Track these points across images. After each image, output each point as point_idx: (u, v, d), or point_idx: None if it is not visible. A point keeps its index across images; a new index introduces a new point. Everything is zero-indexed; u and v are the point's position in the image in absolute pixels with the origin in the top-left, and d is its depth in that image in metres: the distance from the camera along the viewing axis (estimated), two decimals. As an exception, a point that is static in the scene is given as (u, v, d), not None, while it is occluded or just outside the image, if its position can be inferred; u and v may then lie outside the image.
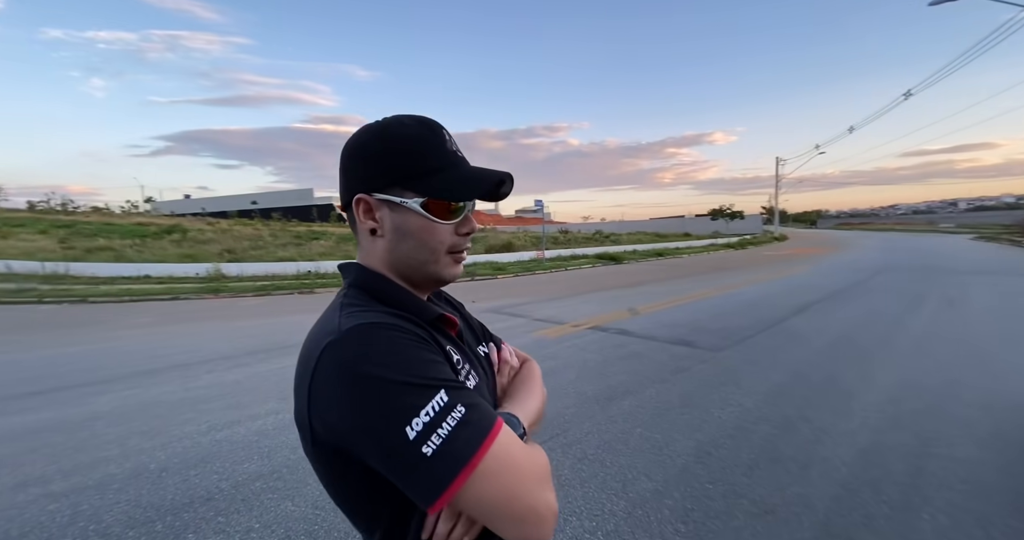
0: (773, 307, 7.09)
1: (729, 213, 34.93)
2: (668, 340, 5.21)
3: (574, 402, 3.44)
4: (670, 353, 4.68)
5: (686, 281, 11.21)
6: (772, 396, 3.45)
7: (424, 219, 0.60)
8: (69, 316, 7.77)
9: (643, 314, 6.85)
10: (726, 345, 4.93)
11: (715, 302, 7.76)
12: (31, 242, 16.84)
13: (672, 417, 3.12)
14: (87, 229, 21.28)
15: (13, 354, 5.21)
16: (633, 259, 18.82)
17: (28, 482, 2.40)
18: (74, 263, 12.56)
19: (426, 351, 0.54)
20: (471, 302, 8.37)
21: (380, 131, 0.61)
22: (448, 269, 0.64)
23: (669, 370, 4.13)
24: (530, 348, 5.00)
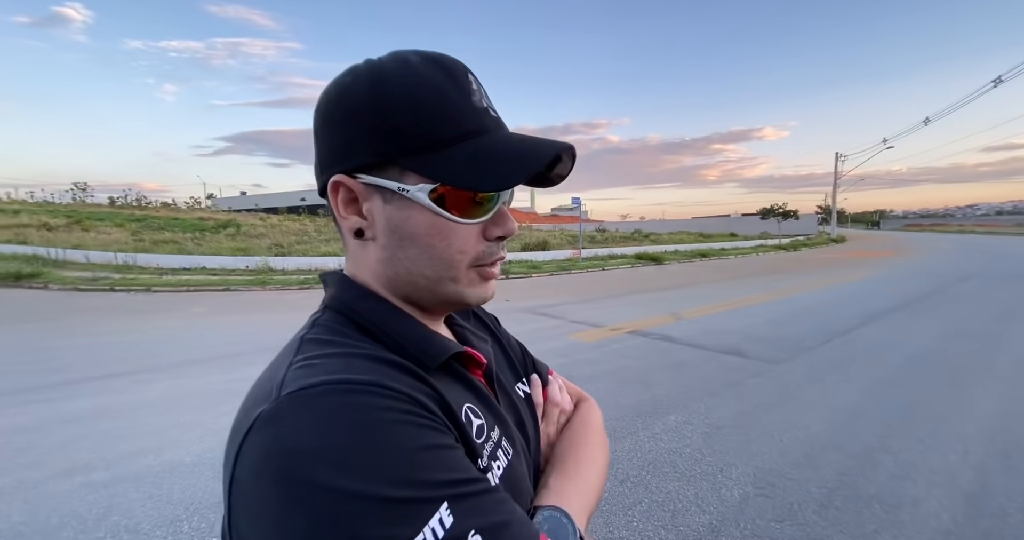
0: (837, 315, 6.44)
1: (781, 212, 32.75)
2: (717, 349, 4.81)
3: (613, 415, 3.19)
4: (720, 363, 4.30)
5: (734, 284, 10.52)
6: (844, 420, 3.04)
7: (435, 216, 0.40)
8: (135, 304, 8.34)
9: (687, 319, 6.42)
10: (784, 357, 4.48)
11: (768, 308, 7.17)
12: (108, 235, 18.49)
13: (725, 438, 2.80)
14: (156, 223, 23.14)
15: (83, 338, 5.60)
16: (674, 260, 18.02)
17: (74, 469, 2.47)
18: (142, 255, 13.59)
19: (419, 428, 0.34)
20: (504, 301, 8.24)
21: (370, 74, 0.40)
22: (472, 289, 0.43)
23: (720, 383, 3.78)
24: (565, 352, 4.77)
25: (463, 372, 0.46)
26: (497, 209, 0.42)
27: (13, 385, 3.81)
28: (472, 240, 0.42)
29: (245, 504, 0.31)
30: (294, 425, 0.31)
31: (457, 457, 0.35)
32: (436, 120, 0.38)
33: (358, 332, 0.41)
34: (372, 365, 0.37)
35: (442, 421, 0.37)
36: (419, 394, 0.36)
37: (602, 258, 17.42)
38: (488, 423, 0.44)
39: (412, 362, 0.40)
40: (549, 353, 4.71)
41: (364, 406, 0.32)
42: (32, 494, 2.23)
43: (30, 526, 1.99)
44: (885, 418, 3.06)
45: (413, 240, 0.41)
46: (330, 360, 0.36)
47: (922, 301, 7.56)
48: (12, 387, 3.76)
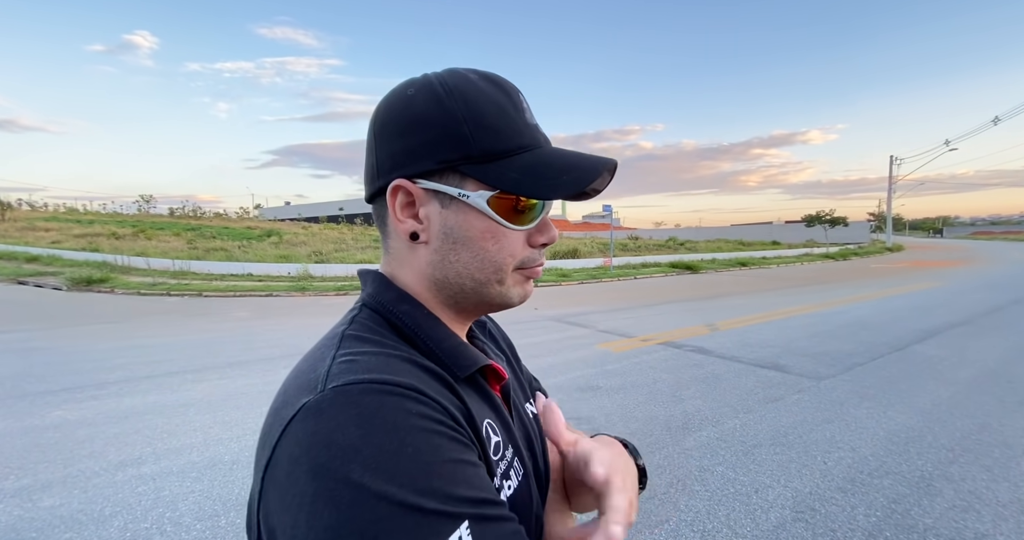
0: (890, 329, 6.00)
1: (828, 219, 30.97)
2: (755, 362, 4.58)
3: (641, 428, 3.09)
4: (758, 378, 4.09)
5: (775, 294, 10.02)
6: (898, 443, 2.81)
7: (490, 222, 0.42)
8: (187, 308, 8.93)
9: (723, 330, 6.16)
10: (830, 373, 4.20)
11: (812, 320, 6.77)
12: (167, 243, 19.97)
13: (762, 457, 2.65)
14: (209, 231, 24.77)
15: (141, 339, 6.05)
16: (711, 268, 17.39)
17: (127, 462, 2.66)
18: (195, 261, 14.57)
19: (449, 440, 0.34)
20: (533, 309, 8.22)
21: (435, 88, 0.42)
22: (517, 290, 0.46)
23: (757, 398, 3.59)
24: (593, 362, 4.69)
25: (485, 386, 0.46)
26: (542, 218, 0.45)
27: (79, 381, 4.16)
28: (520, 245, 0.44)
29: (279, 488, 0.32)
30: (336, 420, 0.32)
31: (481, 476, 0.36)
32: (496, 132, 0.41)
33: (394, 333, 0.43)
34: (409, 368, 0.38)
35: (469, 435, 0.37)
36: (450, 405, 0.37)
37: (634, 266, 17.07)
38: (504, 441, 0.44)
39: (443, 369, 0.41)
40: (576, 363, 4.64)
41: (403, 410, 0.33)
42: (90, 484, 2.42)
43: (87, 514, 2.15)
44: (945, 443, 2.80)
45: (467, 243, 0.43)
46: (372, 358, 0.37)
47: (989, 316, 6.91)
48: (78, 383, 4.10)
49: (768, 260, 20.99)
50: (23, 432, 3.06)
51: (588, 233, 39.93)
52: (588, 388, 3.89)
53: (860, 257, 24.32)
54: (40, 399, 3.69)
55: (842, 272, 15.57)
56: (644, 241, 28.81)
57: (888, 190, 41.05)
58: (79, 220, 28.96)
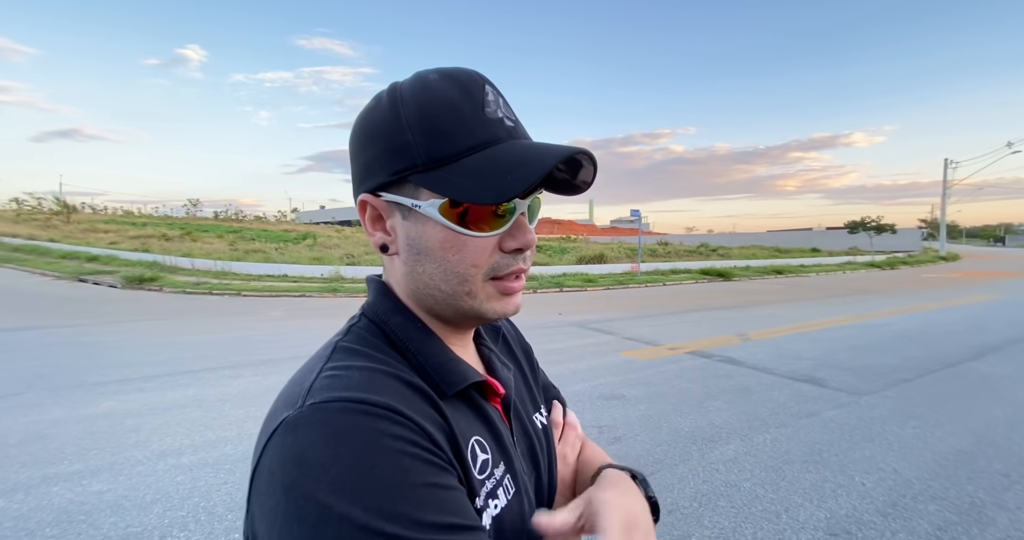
0: (941, 344, 5.60)
1: (874, 226, 29.23)
2: (789, 375, 4.38)
3: (667, 438, 3.01)
4: (792, 391, 3.91)
5: (813, 304, 9.56)
6: (946, 466, 2.62)
7: (448, 231, 0.40)
8: (227, 307, 9.40)
9: (756, 340, 5.92)
10: (871, 388, 3.96)
11: (853, 332, 6.41)
12: (210, 244, 21.12)
13: (793, 474, 2.53)
14: (249, 234, 26.06)
15: (185, 336, 6.41)
16: (745, 276, 16.77)
17: (168, 452, 2.82)
18: (236, 262, 15.32)
19: (424, 464, 0.34)
20: (557, 314, 8.16)
21: (389, 98, 0.41)
22: (490, 304, 0.43)
23: (790, 413, 3.42)
24: (617, 370, 4.61)
25: (479, 401, 0.45)
26: (514, 221, 0.42)
27: (128, 374, 4.44)
28: (486, 253, 0.41)
29: (260, 497, 0.34)
30: (309, 438, 0.33)
31: (456, 499, 0.35)
32: (442, 136, 0.39)
33: (387, 345, 0.43)
34: (393, 384, 0.38)
35: (447, 458, 0.37)
36: (430, 425, 0.37)
37: (663, 273, 16.69)
38: (494, 458, 0.43)
39: (430, 385, 0.41)
40: (600, 370, 4.58)
41: (375, 431, 0.33)
42: (134, 471, 2.57)
43: (130, 500, 2.29)
44: (1000, 468, 2.58)
45: (428, 255, 0.41)
46: (355, 373, 0.38)
47: (1058, 330, 6.33)
48: (127, 376, 4.38)
49: (806, 268, 20.04)
50: (77, 420, 3.30)
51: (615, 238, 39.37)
52: (611, 396, 3.82)
53: (910, 266, 22.86)
54: (94, 390, 3.97)
55: (889, 282, 14.68)
56: (674, 247, 28.14)
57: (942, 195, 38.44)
58: (134, 222, 31.10)
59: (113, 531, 2.03)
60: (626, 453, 2.80)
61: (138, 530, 2.04)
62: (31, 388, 3.98)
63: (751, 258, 22.08)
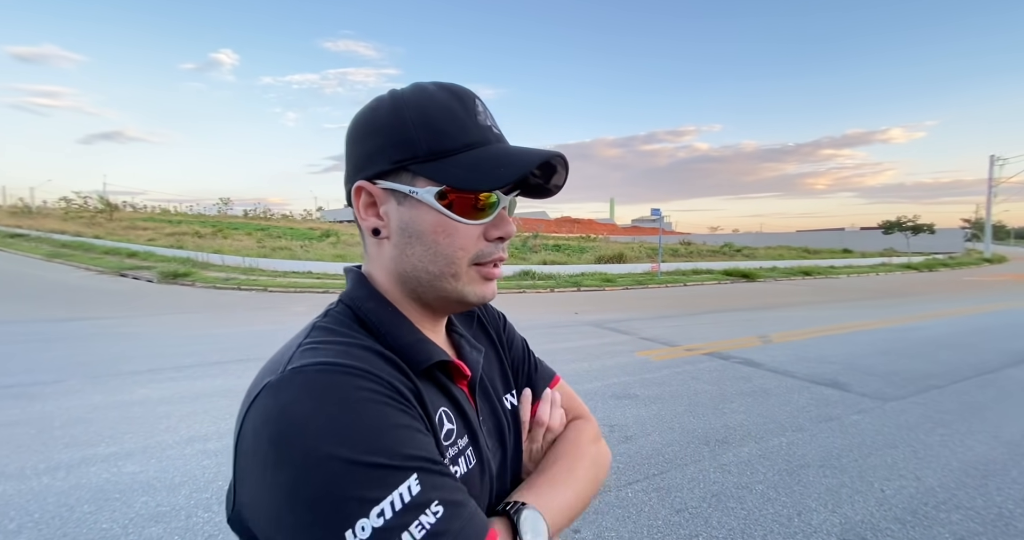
0: (979, 350, 5.32)
1: (911, 226, 27.85)
2: (810, 378, 4.25)
3: (678, 439, 2.98)
4: (812, 395, 3.80)
5: (841, 307, 9.22)
6: (974, 476, 2.50)
7: (440, 216, 0.44)
8: (254, 302, 9.77)
9: (778, 343, 5.77)
10: (898, 394, 3.81)
11: (884, 336, 6.16)
12: (240, 242, 21.92)
13: (808, 478, 2.47)
14: (276, 232, 26.90)
15: (215, 330, 6.71)
16: (770, 277, 16.29)
17: (195, 438, 2.97)
18: (263, 259, 15.87)
19: (397, 411, 0.38)
20: (573, 313, 8.14)
21: (392, 99, 0.46)
22: (473, 287, 0.47)
23: (809, 417, 3.33)
24: (631, 370, 4.57)
25: (444, 380, 0.48)
26: (497, 213, 0.46)
27: (162, 364, 4.69)
28: (472, 239, 0.46)
29: (246, 457, 0.37)
30: (291, 396, 0.36)
31: (427, 441, 0.39)
32: (442, 133, 0.44)
33: (360, 327, 0.46)
34: (365, 355, 0.42)
35: (417, 411, 0.41)
36: (400, 385, 0.41)
37: (684, 273, 16.39)
38: (458, 430, 0.47)
39: (402, 360, 0.45)
40: (614, 370, 4.55)
41: (351, 386, 0.37)
42: (164, 454, 2.73)
43: (160, 481, 2.44)
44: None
45: (420, 238, 0.45)
46: (331, 346, 0.41)
47: (1112, 338, 5.92)
48: (161, 366, 4.63)
49: (836, 269, 19.32)
50: (115, 406, 3.51)
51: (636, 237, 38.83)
52: (624, 396, 3.81)
53: (950, 268, 21.73)
54: (130, 378, 4.21)
55: (926, 285, 14.00)
56: (697, 246, 27.56)
57: (988, 194, 36.32)
58: (170, 220, 32.56)
59: (144, 509, 2.17)
60: (636, 452, 2.79)
61: (167, 509, 2.17)
62: (74, 375, 4.25)
63: (778, 259, 21.42)
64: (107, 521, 2.06)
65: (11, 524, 2.02)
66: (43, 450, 2.73)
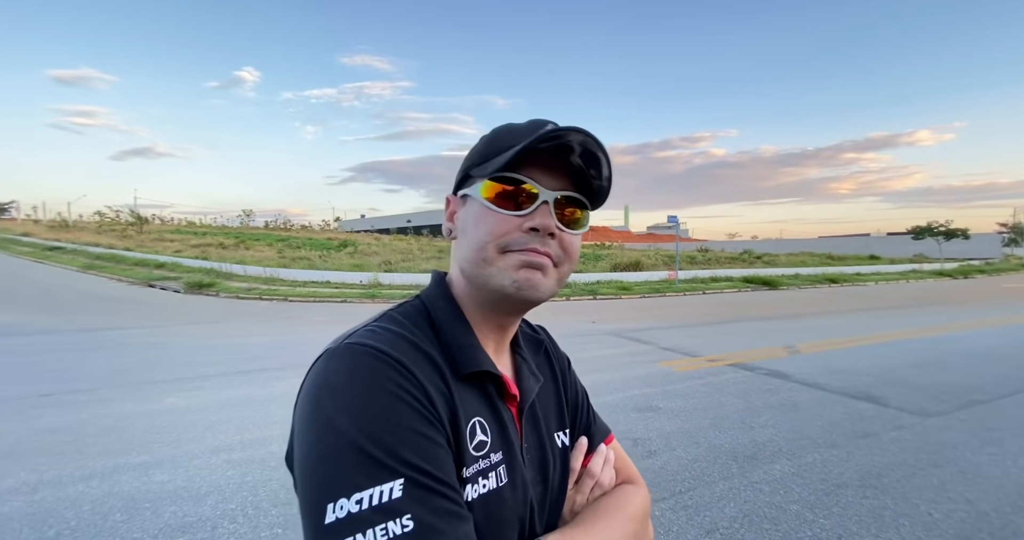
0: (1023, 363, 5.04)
1: (943, 231, 26.78)
2: (842, 391, 4.08)
3: (705, 454, 2.89)
4: (846, 409, 3.64)
5: (871, 316, 8.89)
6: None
7: (480, 207, 0.47)
8: (275, 311, 9.96)
9: (805, 354, 5.58)
10: (940, 409, 3.62)
11: (918, 346, 5.90)
12: (261, 252, 22.50)
13: (847, 499, 2.35)
14: (296, 242, 27.50)
15: (238, 339, 6.85)
16: (793, 284, 15.86)
17: (220, 448, 3.01)
18: (283, 269, 16.23)
19: (412, 413, 0.40)
20: (590, 322, 8.04)
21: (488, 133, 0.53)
22: (507, 273, 0.45)
23: (843, 432, 3.19)
24: (652, 381, 4.47)
25: (492, 392, 0.49)
26: (537, 207, 0.47)
27: (189, 374, 4.80)
28: (504, 227, 0.46)
29: (298, 404, 0.43)
30: (334, 366, 0.41)
31: (435, 452, 0.40)
32: (497, 142, 0.49)
33: (426, 323, 0.49)
34: (410, 350, 0.44)
35: (439, 417, 0.42)
36: (431, 387, 0.43)
37: (703, 281, 16.10)
38: (494, 445, 0.47)
39: (449, 363, 0.47)
40: (634, 381, 4.46)
41: (383, 374, 0.40)
42: (191, 464, 2.77)
43: (187, 491, 2.47)
44: (1099, 505, 2.28)
45: (465, 232, 0.49)
46: (387, 334, 0.45)
47: None
48: (188, 375, 4.74)
49: (863, 276, 18.70)
50: (145, 415, 3.59)
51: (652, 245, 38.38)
52: (646, 408, 3.72)
53: (987, 275, 20.80)
54: (158, 387, 4.32)
55: (962, 292, 13.41)
56: (715, 253, 27.06)
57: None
58: (195, 232, 33.64)
59: (173, 519, 2.19)
60: (661, 468, 2.71)
61: (193, 520, 2.19)
62: (106, 384, 4.38)
63: (800, 265, 20.86)
64: (138, 531, 2.09)
65: (50, 531, 2.07)
66: (78, 458, 2.81)
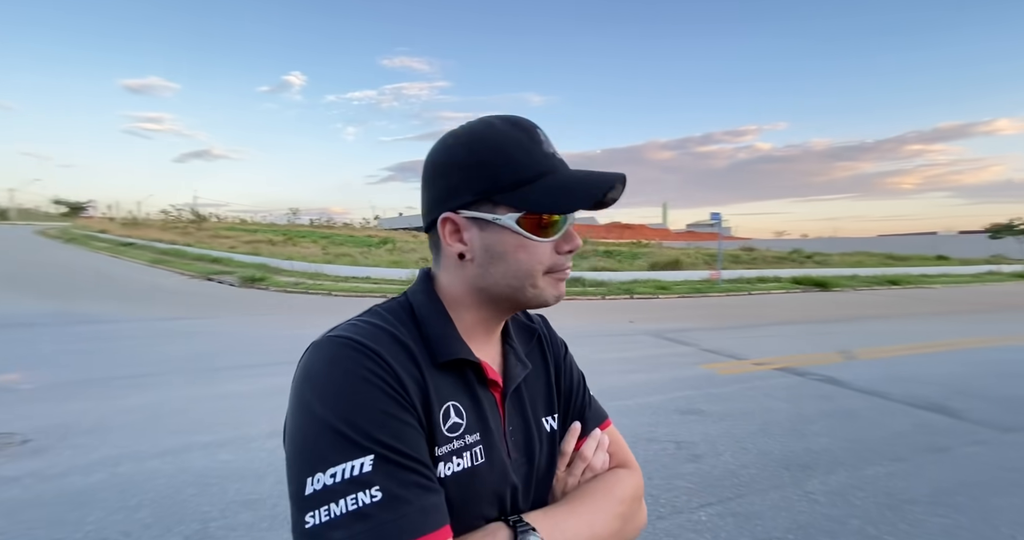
0: None
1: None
2: (908, 401, 3.80)
3: (754, 461, 2.77)
4: (912, 420, 3.39)
5: (939, 321, 8.19)
6: None
7: (519, 237, 0.50)
8: (320, 305, 10.45)
9: (863, 360, 5.22)
10: (1022, 424, 3.30)
11: (998, 356, 5.38)
12: (306, 249, 23.62)
13: (915, 516, 2.19)
14: (338, 239, 28.68)
15: (289, 330, 7.25)
16: (849, 286, 14.85)
17: (275, 433, 3.19)
18: (327, 265, 16.96)
19: (384, 397, 0.44)
20: (628, 322, 7.89)
21: (467, 137, 0.52)
22: (550, 291, 0.53)
23: (911, 445, 2.97)
24: (695, 384, 4.34)
25: (471, 379, 0.53)
26: (566, 229, 0.52)
27: (246, 361, 5.14)
28: (547, 254, 0.52)
29: (290, 392, 0.47)
30: (316, 357, 0.47)
31: (406, 431, 0.44)
32: (517, 164, 0.50)
33: (408, 316, 0.53)
34: (389, 341, 0.48)
35: (411, 401, 0.46)
36: (405, 375, 0.47)
37: (748, 281, 15.37)
38: (470, 427, 0.51)
39: (427, 352, 0.51)
40: (675, 383, 4.35)
41: (359, 363, 0.45)
42: (251, 446, 2.97)
43: (249, 470, 2.65)
44: None
45: (502, 257, 0.51)
46: (368, 327, 0.49)
47: None
48: (245, 363, 5.07)
49: (930, 278, 17.23)
50: (209, 398, 3.88)
51: (692, 243, 37.09)
52: (689, 411, 3.61)
53: (1077, 277, 18.59)
54: (219, 374, 4.65)
55: (1046, 296, 12.07)
56: (760, 252, 25.78)
57: None
58: (247, 229, 35.79)
59: (237, 496, 2.36)
60: (707, 472, 2.63)
61: (256, 497, 2.35)
62: (175, 370, 4.77)
63: (856, 266, 19.49)
64: (207, 505, 2.27)
65: (132, 500, 2.29)
66: (154, 436, 3.08)
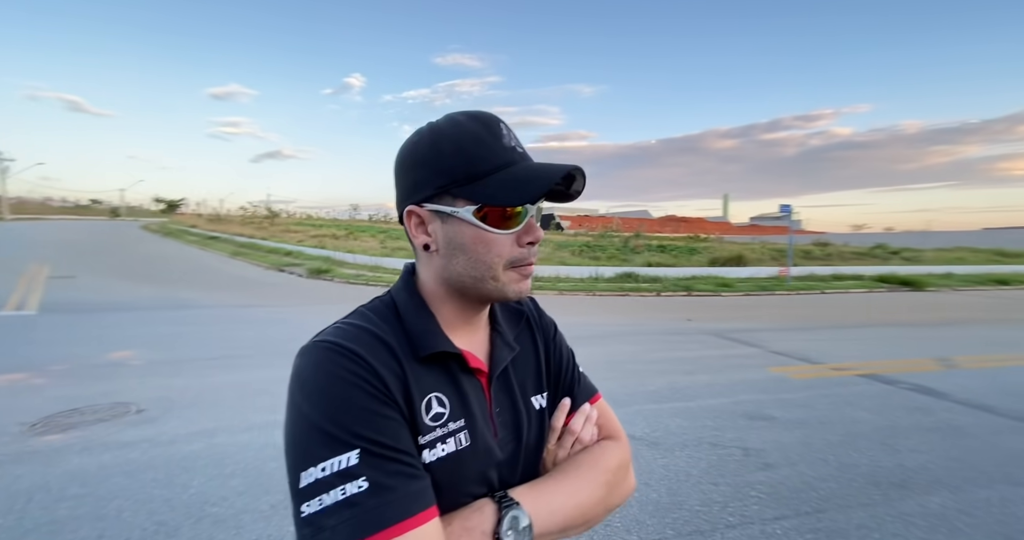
0: None
1: None
2: (1022, 417, 3.31)
3: (834, 474, 2.56)
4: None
5: (1065, 327, 7.04)
6: None
7: (478, 229, 0.52)
8: (379, 296, 10.99)
9: (966, 369, 4.63)
10: None
11: None
12: (366, 243, 24.91)
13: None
14: (395, 233, 29.91)
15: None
16: (945, 285, 13.20)
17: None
18: (385, 258, 17.79)
19: (365, 396, 0.47)
20: (686, 320, 7.54)
21: (430, 133, 0.54)
22: (511, 286, 0.54)
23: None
24: (765, 388, 4.06)
25: (453, 369, 0.55)
26: (527, 221, 0.53)
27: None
28: (507, 247, 0.53)
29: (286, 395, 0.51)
30: (303, 362, 0.50)
31: (389, 426, 0.47)
32: (476, 157, 0.51)
33: (392, 314, 0.56)
34: (370, 340, 0.51)
35: (392, 397, 0.49)
36: (386, 372, 0.49)
37: (821, 278, 14.16)
38: (453, 414, 0.53)
39: (409, 348, 0.53)
40: (742, 386, 4.10)
41: (340, 365, 0.48)
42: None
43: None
44: None
45: (463, 249, 0.53)
46: (351, 329, 0.52)
47: None
48: (315, 348, 5.45)
49: (1050, 277, 14.83)
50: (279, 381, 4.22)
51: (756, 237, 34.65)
52: (758, 416, 3.40)
53: None
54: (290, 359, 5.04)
55: None
56: (836, 247, 23.52)
57: None
58: (313, 224, 38.41)
59: (314, 471, 2.56)
60: (780, 483, 2.47)
61: (330, 473, 2.53)
62: (258, 352, 5.24)
63: (955, 263, 17.25)
64: (289, 477, 2.48)
65: (227, 468, 2.55)
66: (242, 412, 3.40)
